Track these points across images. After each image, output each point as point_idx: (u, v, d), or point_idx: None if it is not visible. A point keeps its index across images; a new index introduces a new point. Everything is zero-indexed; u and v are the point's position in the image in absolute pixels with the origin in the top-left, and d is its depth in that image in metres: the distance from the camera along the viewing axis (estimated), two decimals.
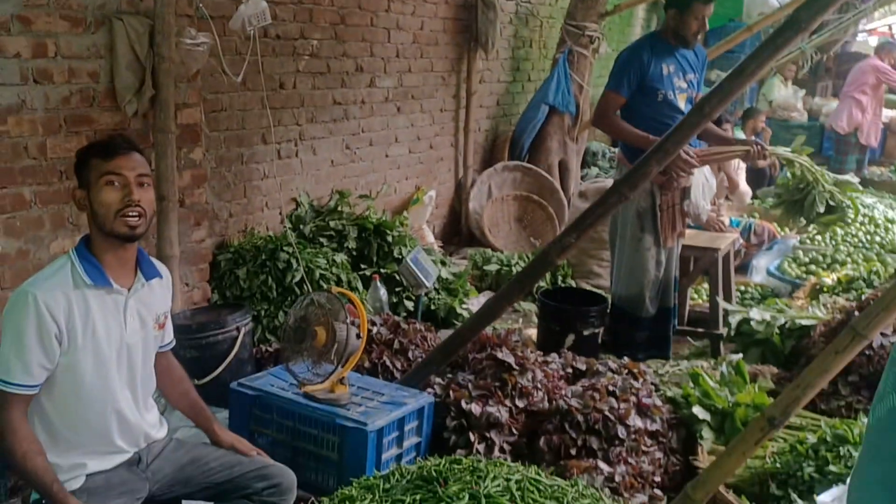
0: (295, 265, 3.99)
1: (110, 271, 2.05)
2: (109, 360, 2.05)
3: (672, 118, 3.65)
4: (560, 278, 5.16)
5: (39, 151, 3.02)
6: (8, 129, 2.89)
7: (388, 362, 3.31)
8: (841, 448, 2.47)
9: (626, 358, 3.53)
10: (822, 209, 4.58)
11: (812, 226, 5.17)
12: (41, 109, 3.00)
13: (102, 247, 2.04)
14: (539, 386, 3.11)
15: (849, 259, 4.93)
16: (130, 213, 2.00)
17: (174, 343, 2.41)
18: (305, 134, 4.79)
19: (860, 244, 5.14)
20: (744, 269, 5.45)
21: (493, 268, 5.32)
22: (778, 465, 2.62)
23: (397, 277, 4.55)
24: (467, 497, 1.83)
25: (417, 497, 1.94)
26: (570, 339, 3.93)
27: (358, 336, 2.79)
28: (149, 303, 2.17)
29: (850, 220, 5.19)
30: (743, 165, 5.62)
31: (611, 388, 3.02)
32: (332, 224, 4.69)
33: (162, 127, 3.33)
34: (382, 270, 4.57)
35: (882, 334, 3.01)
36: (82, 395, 2.03)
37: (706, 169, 4.86)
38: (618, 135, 4.01)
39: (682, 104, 3.85)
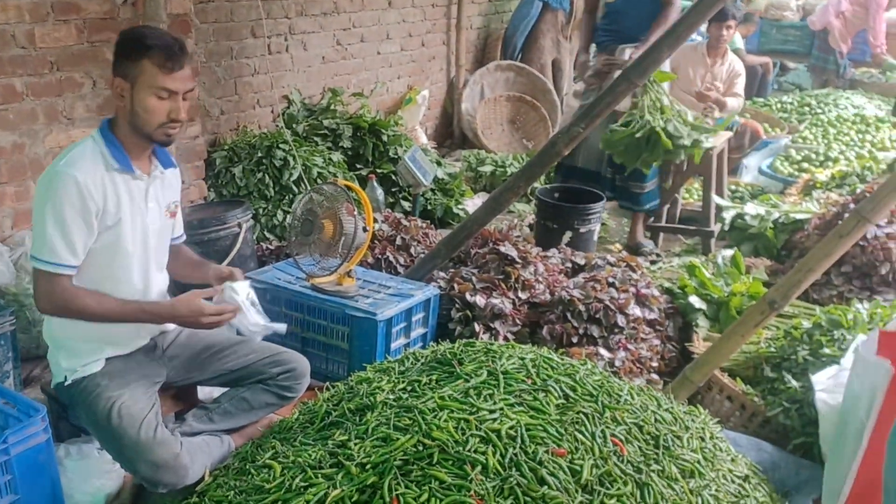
0: (292, 163, 3.95)
1: (132, 158, 2.06)
2: (133, 243, 2.08)
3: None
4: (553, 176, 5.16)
5: (28, 40, 2.91)
6: None
7: (391, 257, 3.35)
8: (835, 332, 2.57)
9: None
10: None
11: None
12: None
13: (129, 137, 2.04)
14: (540, 279, 3.17)
15: (841, 157, 4.97)
16: (172, 127, 2.01)
17: (185, 237, 2.42)
18: (296, 28, 4.64)
19: (852, 142, 5.17)
20: (733, 169, 5.47)
21: (487, 169, 5.30)
22: (772, 349, 2.72)
23: (393, 178, 4.53)
24: (485, 373, 1.90)
25: (434, 377, 2.00)
26: (568, 236, 3.98)
27: (364, 229, 2.81)
28: (164, 190, 2.18)
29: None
30: (741, 77, 5.43)
31: (610, 279, 3.09)
32: (325, 123, 4.61)
33: (152, 16, 3.20)
34: (378, 170, 4.55)
35: (877, 226, 3.08)
36: (105, 277, 2.06)
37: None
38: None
39: None
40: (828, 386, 2.26)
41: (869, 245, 3.12)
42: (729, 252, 3.50)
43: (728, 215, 4.12)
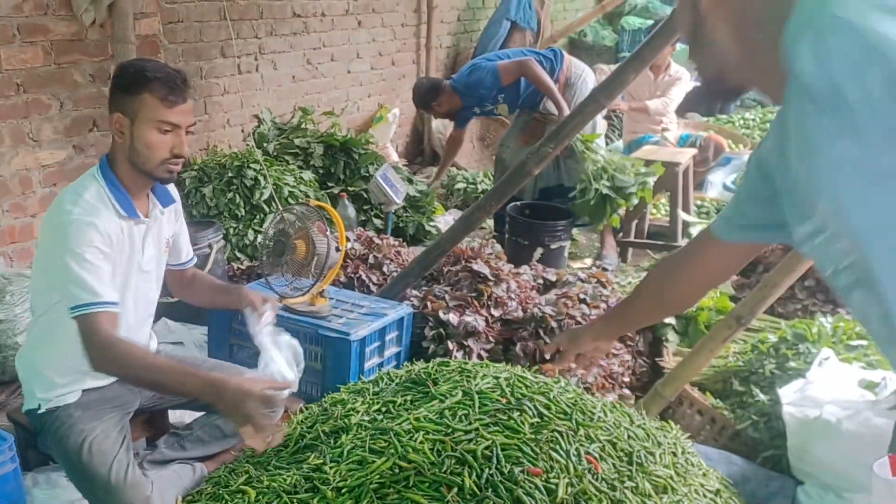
0: (263, 182, 3.94)
1: (134, 200, 2.01)
2: (126, 285, 2.03)
3: None
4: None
5: None
6: None
7: (363, 276, 3.35)
8: (801, 345, 2.63)
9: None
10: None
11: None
12: None
13: (129, 177, 1.97)
14: (513, 296, 3.19)
15: None
16: (174, 163, 1.96)
17: (196, 260, 2.38)
18: (265, 47, 4.64)
19: None
20: (698, 184, 5.57)
21: (458, 186, 5.34)
22: (740, 363, 2.77)
23: (365, 195, 4.54)
24: (460, 393, 1.91)
25: (409, 397, 2.00)
26: (538, 252, 4.02)
27: (337, 249, 2.81)
28: (162, 229, 2.14)
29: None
30: (680, 82, 5.59)
31: (582, 295, 3.12)
32: (296, 141, 4.61)
33: (121, 37, 3.19)
34: (350, 188, 4.55)
35: None
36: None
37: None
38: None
39: None
40: (794, 399, 2.31)
41: None
42: None
43: (695, 231, 4.19)
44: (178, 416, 2.55)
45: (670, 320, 3.14)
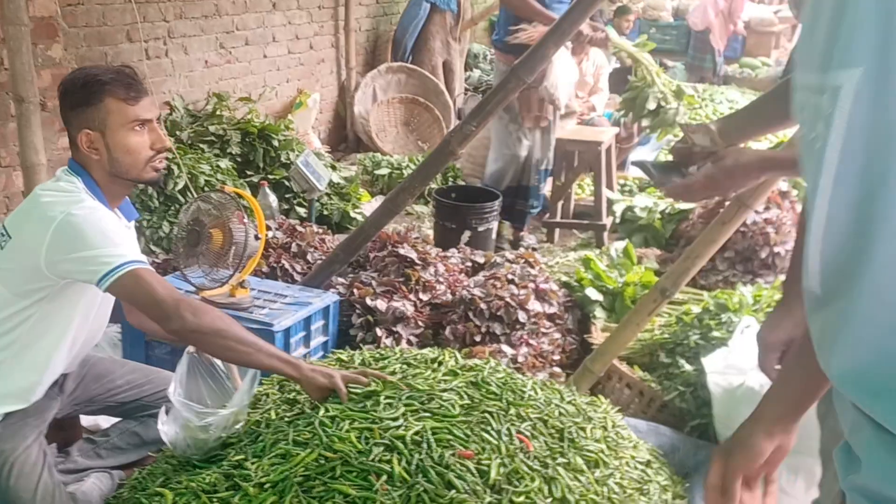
0: (177, 172, 3.77)
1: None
2: (91, 302, 1.93)
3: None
4: (451, 179, 5.18)
5: None
6: None
7: (287, 265, 3.24)
8: (723, 315, 2.68)
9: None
10: (652, 106, 4.43)
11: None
12: None
13: (108, 189, 1.86)
14: (441, 279, 3.15)
15: None
16: (159, 159, 1.86)
17: None
18: (175, 31, 4.43)
19: None
20: (621, 164, 5.67)
21: (383, 172, 5.26)
22: (666, 335, 2.81)
23: (287, 183, 4.41)
24: (381, 383, 1.84)
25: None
26: (466, 235, 3.99)
27: (256, 237, 2.70)
28: None
29: (672, 124, 4.56)
30: (605, 70, 5.75)
31: (510, 276, 3.11)
32: (211, 129, 4.43)
33: (12, 18, 2.96)
34: (270, 177, 4.41)
35: (756, 212, 3.24)
36: (70, 325, 1.89)
37: (565, 55, 4.24)
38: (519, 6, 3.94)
39: None
40: (719, 368, 2.36)
41: (749, 230, 3.28)
42: (621, 244, 3.61)
43: (619, 209, 4.25)
44: (91, 421, 2.40)
45: (597, 297, 3.16)
